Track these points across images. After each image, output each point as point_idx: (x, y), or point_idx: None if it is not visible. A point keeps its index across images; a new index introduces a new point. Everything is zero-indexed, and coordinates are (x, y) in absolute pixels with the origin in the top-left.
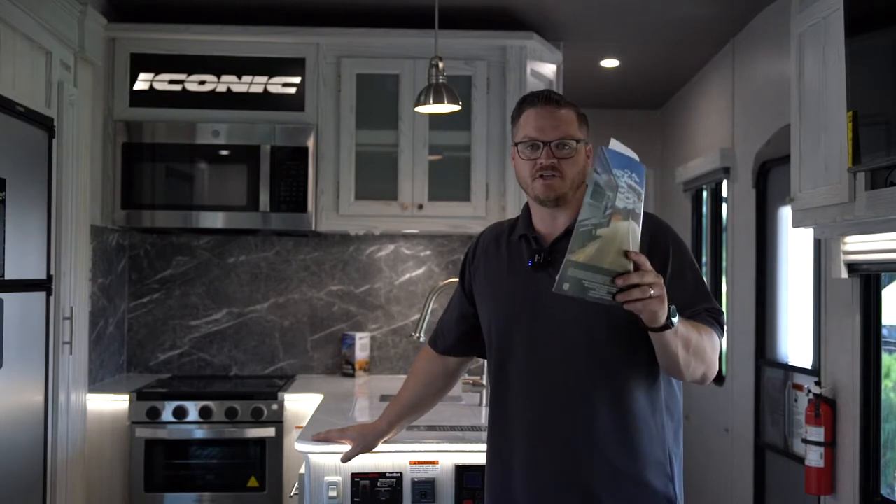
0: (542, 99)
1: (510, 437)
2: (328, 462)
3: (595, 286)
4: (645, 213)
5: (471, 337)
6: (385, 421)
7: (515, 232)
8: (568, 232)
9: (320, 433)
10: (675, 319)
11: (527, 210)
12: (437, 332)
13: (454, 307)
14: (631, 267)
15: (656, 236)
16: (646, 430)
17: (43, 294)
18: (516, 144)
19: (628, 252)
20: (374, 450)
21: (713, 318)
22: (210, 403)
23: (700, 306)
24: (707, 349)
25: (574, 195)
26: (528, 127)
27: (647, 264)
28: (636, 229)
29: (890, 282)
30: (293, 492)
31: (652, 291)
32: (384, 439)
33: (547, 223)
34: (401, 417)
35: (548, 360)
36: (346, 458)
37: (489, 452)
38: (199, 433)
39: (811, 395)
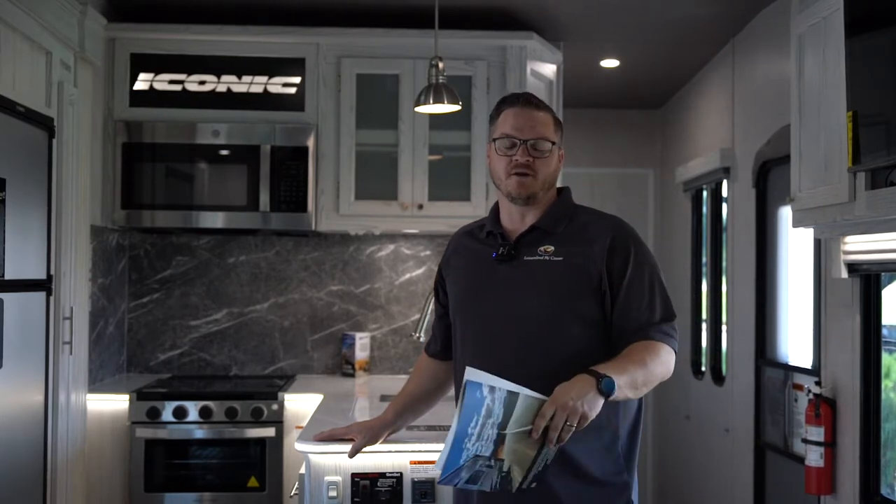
0: (522, 100)
1: None
2: (328, 462)
3: (537, 462)
4: (607, 216)
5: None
6: (391, 412)
7: (484, 230)
8: (533, 228)
9: (323, 432)
10: (613, 389)
11: (495, 209)
12: (430, 337)
13: (435, 311)
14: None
15: (618, 237)
16: (595, 424)
17: (43, 294)
18: (494, 141)
19: (531, 431)
20: (376, 448)
21: (665, 333)
22: (210, 403)
23: (653, 320)
24: (656, 374)
25: (545, 195)
26: (507, 125)
27: (549, 410)
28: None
29: (890, 282)
30: (293, 492)
31: (569, 423)
32: (390, 430)
33: (515, 220)
34: (406, 408)
35: (502, 349)
36: (353, 451)
37: None
38: (199, 433)
39: (811, 395)
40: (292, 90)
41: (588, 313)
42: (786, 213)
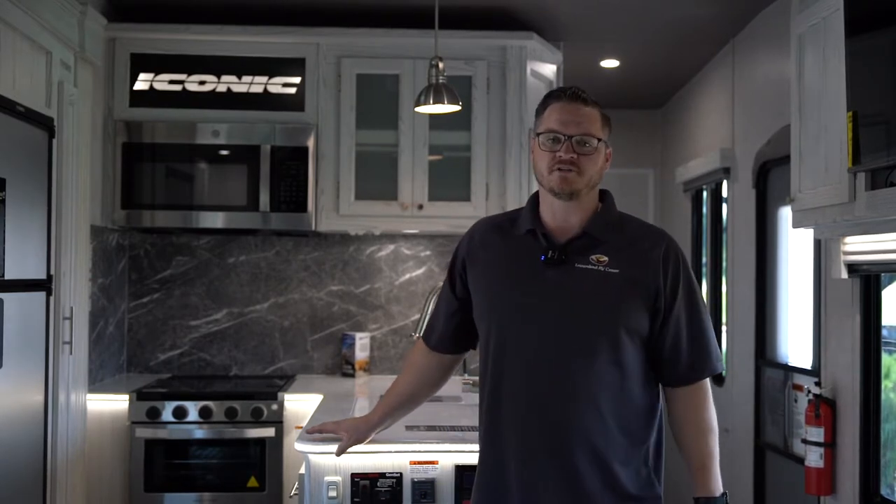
0: (569, 95)
1: (505, 428)
2: (328, 462)
3: None
4: (654, 228)
5: (463, 332)
6: (378, 413)
7: (519, 226)
8: (584, 233)
9: (314, 426)
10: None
11: (533, 204)
12: (430, 328)
13: (445, 303)
14: None
15: (670, 253)
16: (636, 431)
17: (43, 294)
18: (538, 135)
19: None
20: (376, 448)
21: (713, 361)
22: (210, 403)
23: (702, 345)
24: (714, 416)
25: (588, 193)
26: (552, 120)
27: None
28: None
29: (890, 282)
30: (293, 492)
31: None
32: (377, 431)
33: (558, 219)
34: (394, 410)
35: (550, 356)
36: (340, 450)
37: (482, 450)
38: (199, 433)
39: (811, 396)
40: (292, 90)
41: (638, 326)
42: (786, 214)
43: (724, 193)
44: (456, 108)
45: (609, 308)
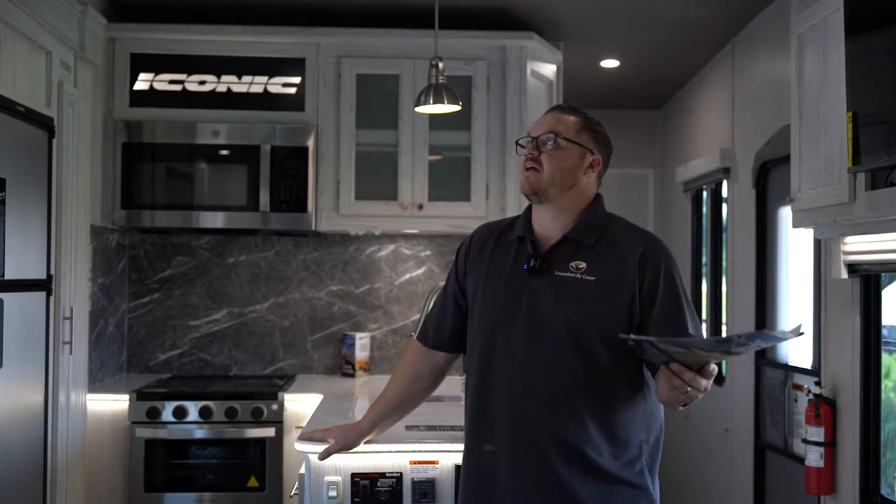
0: (552, 107)
1: (492, 433)
2: (328, 462)
3: (655, 355)
4: (639, 230)
5: (465, 332)
6: (368, 420)
7: (513, 232)
8: (565, 239)
9: (306, 433)
10: None
11: (528, 211)
12: (427, 328)
13: (447, 302)
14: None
15: (649, 256)
16: (622, 433)
17: (43, 294)
18: (517, 144)
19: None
20: (376, 448)
21: None
22: (210, 403)
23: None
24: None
25: (560, 195)
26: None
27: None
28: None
29: (890, 282)
30: (293, 492)
31: (694, 395)
32: (367, 439)
33: (543, 225)
34: (384, 417)
35: (535, 363)
36: (323, 455)
37: (468, 447)
38: (199, 433)
39: (811, 395)
40: (292, 90)
41: (614, 332)
42: (786, 213)
43: (724, 193)
44: (456, 108)
45: (584, 316)
